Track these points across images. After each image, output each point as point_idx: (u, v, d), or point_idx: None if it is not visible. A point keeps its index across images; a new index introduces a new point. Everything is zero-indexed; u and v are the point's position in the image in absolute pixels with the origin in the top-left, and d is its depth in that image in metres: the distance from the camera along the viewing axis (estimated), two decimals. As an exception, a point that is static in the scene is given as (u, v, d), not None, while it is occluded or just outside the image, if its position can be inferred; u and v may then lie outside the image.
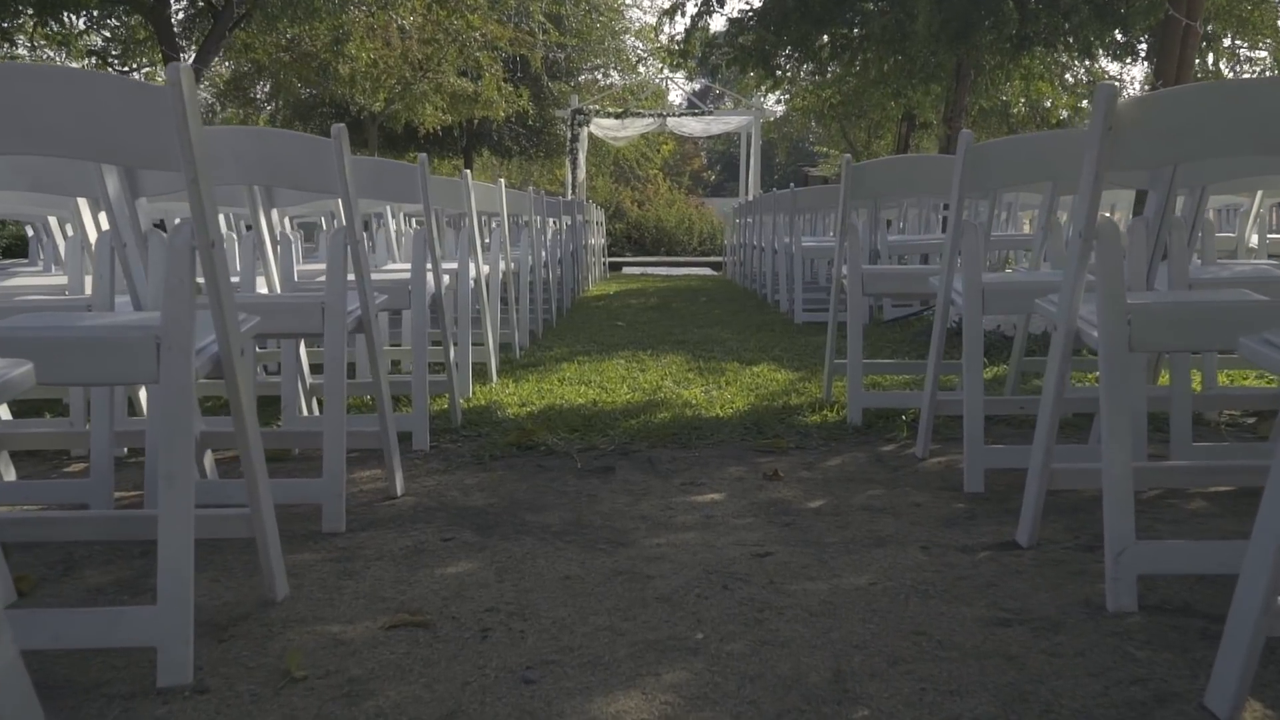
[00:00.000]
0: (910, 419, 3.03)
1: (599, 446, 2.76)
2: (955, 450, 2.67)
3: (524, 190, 5.06)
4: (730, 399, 3.40)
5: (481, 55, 11.79)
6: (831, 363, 3.27)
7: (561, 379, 3.86)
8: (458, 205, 3.49)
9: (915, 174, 2.97)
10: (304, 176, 2.00)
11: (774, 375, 3.89)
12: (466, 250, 3.50)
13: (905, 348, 4.54)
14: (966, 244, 2.26)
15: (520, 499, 2.28)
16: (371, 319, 2.12)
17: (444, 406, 3.18)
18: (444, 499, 2.29)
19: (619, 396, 3.47)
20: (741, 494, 2.31)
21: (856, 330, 3.00)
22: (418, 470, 2.55)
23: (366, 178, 2.66)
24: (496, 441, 2.81)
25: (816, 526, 2.05)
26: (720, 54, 9.63)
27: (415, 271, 2.77)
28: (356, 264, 2.05)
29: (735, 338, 5.12)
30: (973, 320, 2.25)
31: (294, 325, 2.03)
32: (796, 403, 3.31)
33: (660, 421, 3.05)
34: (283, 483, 2.08)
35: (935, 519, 2.09)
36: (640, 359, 4.38)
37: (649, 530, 2.04)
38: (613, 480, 2.44)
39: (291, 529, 2.04)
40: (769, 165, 24.89)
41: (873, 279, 2.98)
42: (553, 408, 3.28)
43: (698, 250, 17.82)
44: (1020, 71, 9.94)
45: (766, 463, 2.59)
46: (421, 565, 1.83)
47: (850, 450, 2.72)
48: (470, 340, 3.52)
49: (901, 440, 2.81)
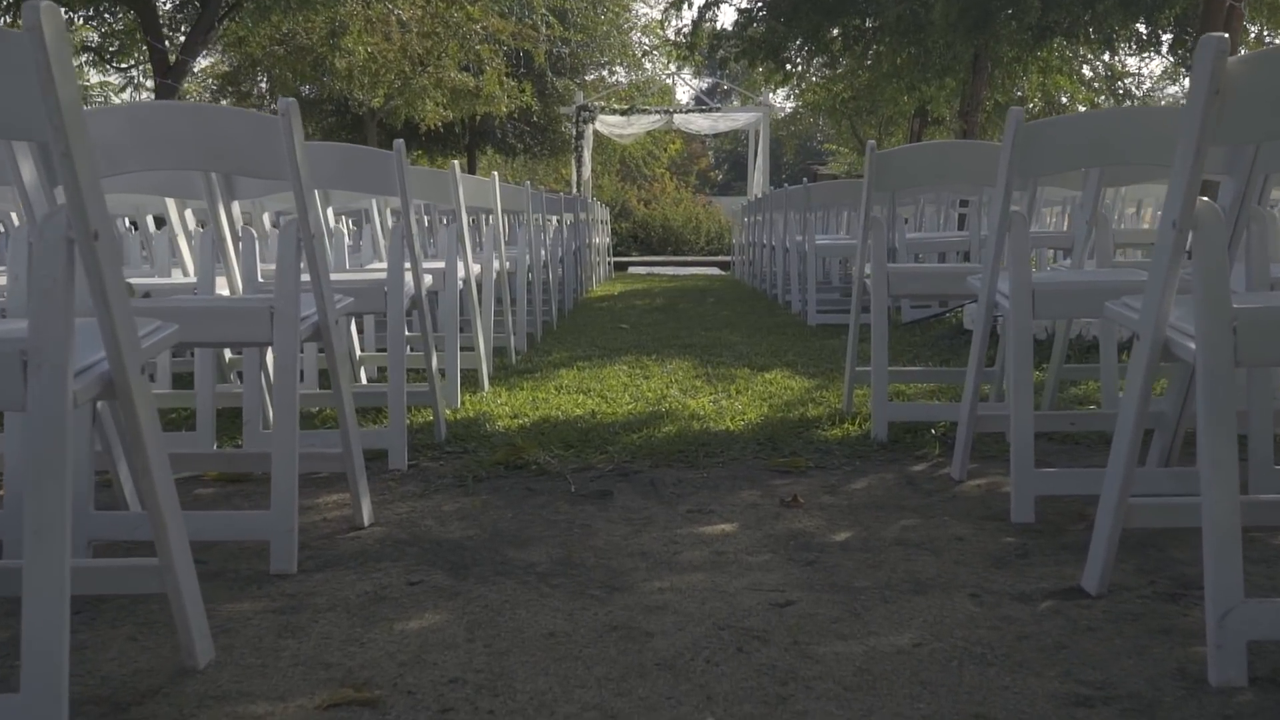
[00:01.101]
0: (941, 433, 2.75)
1: (596, 466, 2.48)
2: (995, 471, 2.38)
3: (520, 185, 4.78)
4: (741, 410, 3.12)
5: (482, 49, 11.49)
6: (853, 370, 2.98)
7: (559, 387, 3.58)
8: (444, 199, 3.21)
9: (946, 162, 2.68)
10: (250, 160, 1.72)
11: (788, 383, 3.60)
12: (454, 248, 3.22)
13: (927, 352, 4.25)
14: (1014, 239, 1.97)
15: (504, 530, 2.00)
16: (330, 324, 1.84)
17: (429, 419, 2.91)
18: (417, 529, 2.01)
19: (620, 407, 3.19)
20: (756, 524, 2.02)
21: (881, 335, 2.71)
22: (391, 494, 2.26)
23: (332, 165, 2.39)
24: (483, 460, 2.53)
25: (845, 566, 1.77)
26: (728, 47, 9.33)
27: (392, 271, 2.49)
28: (312, 263, 1.77)
29: (745, 341, 4.84)
30: (1021, 326, 1.96)
31: (236, 333, 1.75)
32: (814, 414, 3.02)
33: (664, 436, 2.76)
34: (225, 517, 1.80)
35: (983, 557, 1.80)
36: (644, 365, 4.10)
37: (650, 571, 1.76)
38: (610, 507, 2.15)
39: (235, 569, 1.76)
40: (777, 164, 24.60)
41: (900, 279, 2.70)
42: (548, 420, 3.00)
43: (705, 250, 17.53)
44: (1038, 64, 9.63)
45: (783, 485, 2.30)
46: (380, 618, 1.55)
47: (877, 470, 2.43)
48: (459, 346, 3.24)
49: (933, 459, 2.52)
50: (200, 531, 1.74)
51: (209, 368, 2.43)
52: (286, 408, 1.73)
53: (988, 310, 2.09)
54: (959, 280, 2.51)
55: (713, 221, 18.24)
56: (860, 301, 2.91)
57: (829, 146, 26.47)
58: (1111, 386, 2.69)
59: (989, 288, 2.08)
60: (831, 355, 4.31)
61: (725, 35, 9.33)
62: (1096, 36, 8.25)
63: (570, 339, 5.04)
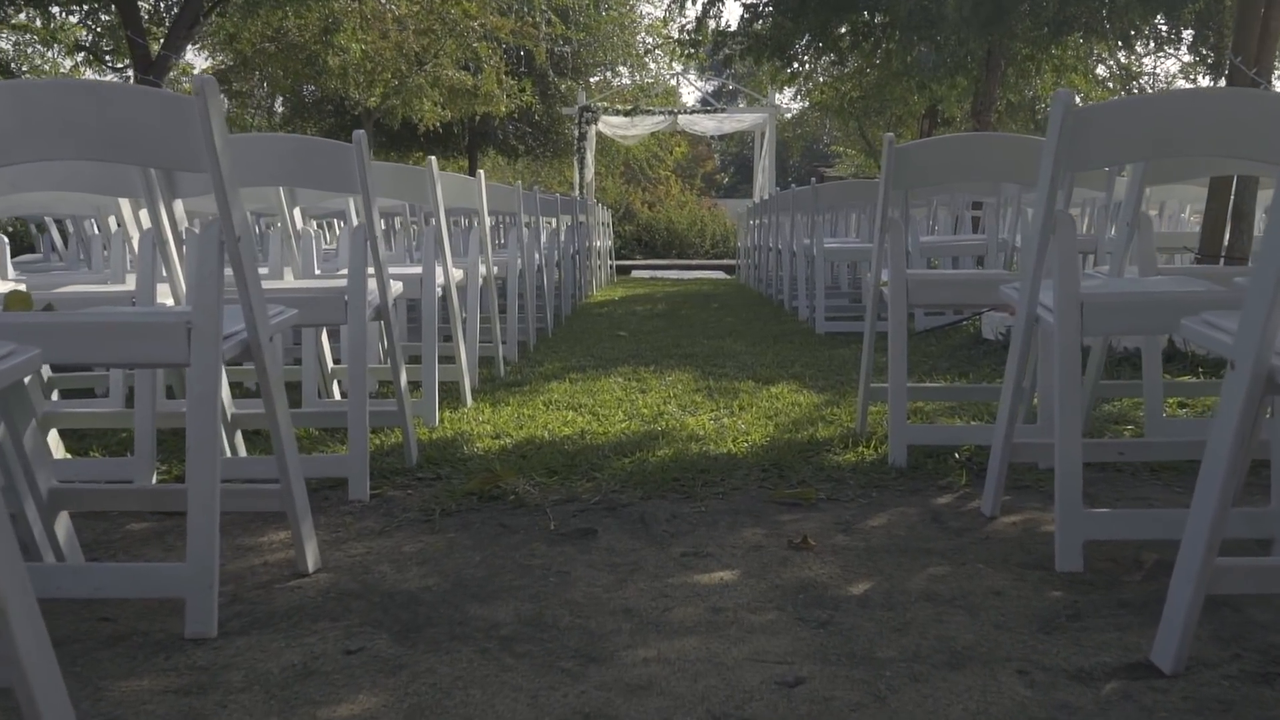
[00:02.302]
0: (966, 458, 2.47)
1: (581, 497, 2.21)
2: (1031, 505, 2.11)
3: (512, 186, 4.51)
4: (744, 429, 2.85)
5: (480, 46, 11.19)
6: (868, 387, 2.70)
7: (548, 402, 3.31)
8: (419, 198, 2.95)
9: (970, 156, 2.41)
10: (160, 149, 1.45)
11: (795, 398, 3.33)
12: (432, 252, 2.96)
13: (944, 364, 3.98)
14: (1060, 243, 1.70)
15: (468, 578, 1.73)
16: (263, 342, 1.57)
17: (400, 440, 2.64)
18: (369, 577, 1.74)
19: (612, 426, 2.91)
20: (760, 571, 1.75)
21: (899, 349, 2.44)
22: (346, 531, 2.00)
23: (282, 158, 2.13)
24: (455, 489, 2.26)
25: (864, 629, 1.49)
26: (733, 44, 9.05)
27: (353, 278, 2.23)
28: (238, 270, 1.51)
29: (749, 350, 4.56)
30: (1068, 343, 1.69)
31: (144, 352, 1.48)
32: (824, 435, 2.75)
33: (659, 460, 2.49)
34: (135, 571, 1.54)
35: (1027, 618, 1.53)
36: (641, 377, 3.83)
37: (635, 634, 1.49)
38: (593, 548, 1.88)
39: (146, 631, 1.49)
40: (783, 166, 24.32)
41: (920, 287, 2.42)
42: (532, 441, 2.73)
43: (710, 253, 17.25)
44: (1052, 63, 9.35)
45: (791, 522, 2.03)
46: (303, 700, 1.28)
47: (896, 503, 2.15)
48: (437, 358, 2.97)
49: (959, 489, 2.25)
50: (104, 587, 1.48)
51: (149, 386, 2.17)
52: (204, 443, 1.46)
53: (1029, 325, 1.81)
54: (989, 288, 2.24)
55: (718, 224, 17.95)
56: (876, 310, 2.64)
57: (836, 148, 26.19)
58: (1156, 407, 2.42)
59: (1029, 299, 1.80)
60: (841, 367, 4.04)
61: (730, 32, 9.05)
62: (1113, 32, 7.96)
63: (565, 348, 4.78)
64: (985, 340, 4.21)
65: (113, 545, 1.93)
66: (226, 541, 1.93)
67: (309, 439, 2.75)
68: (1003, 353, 3.99)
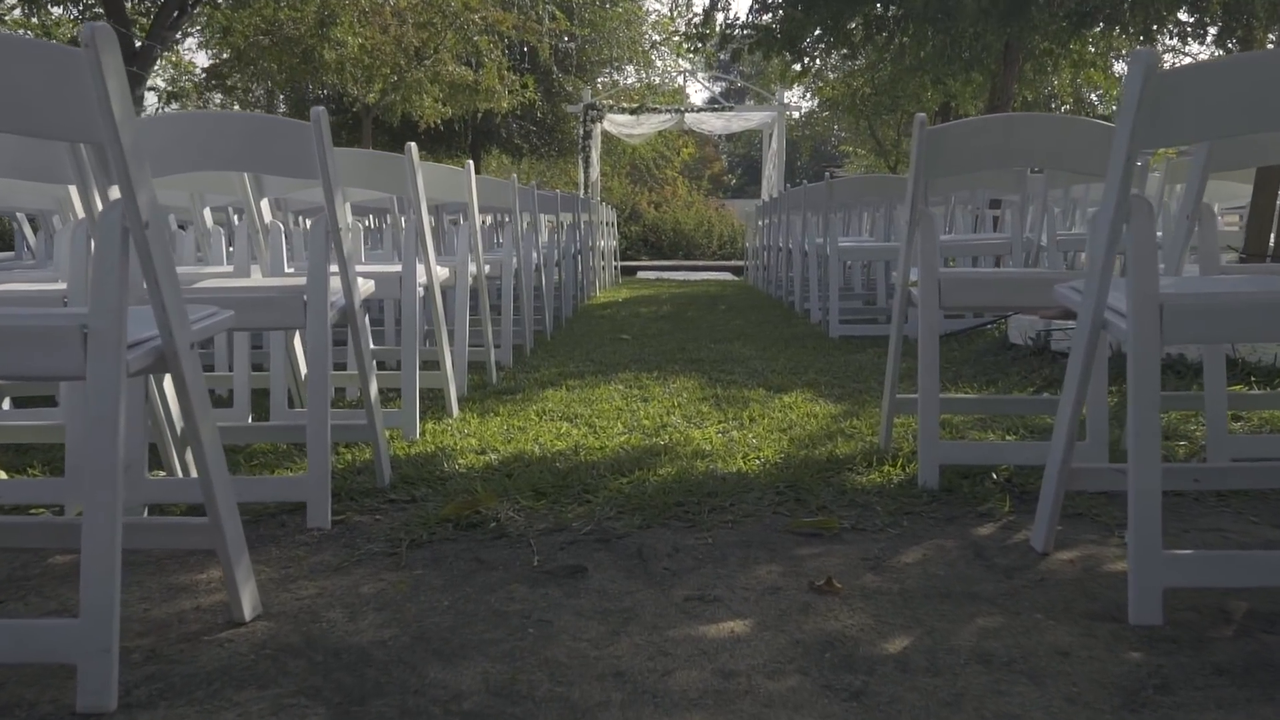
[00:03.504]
0: (1003, 479, 2.20)
1: (571, 525, 1.94)
2: (1085, 536, 1.83)
3: (505, 179, 4.24)
4: (756, 444, 2.58)
5: (481, 40, 10.91)
6: (893, 398, 2.43)
7: (541, 412, 3.04)
8: (399, 189, 2.68)
9: (1013, 139, 2.13)
10: (42, 117, 1.19)
11: (811, 408, 3.05)
12: (413, 249, 2.69)
13: (969, 371, 3.70)
14: (1136, 232, 1.42)
15: (432, 629, 1.47)
16: (181, 350, 1.30)
17: (373, 456, 2.37)
18: (315, 628, 1.47)
19: (610, 440, 2.65)
20: (778, 622, 1.48)
21: (931, 357, 2.17)
22: (298, 567, 1.73)
23: (234, 141, 1.86)
24: (429, 514, 2.00)
25: (907, 702, 1.22)
26: (743, 36, 8.77)
27: (313, 278, 1.96)
28: (147, 265, 1.24)
29: (759, 355, 4.29)
30: (1145, 354, 1.42)
31: (18, 363, 1.21)
32: (844, 451, 2.47)
33: (661, 481, 2.22)
34: (18, 628, 1.27)
35: (1105, 689, 1.25)
36: (643, 384, 3.56)
37: (626, 707, 1.22)
38: (582, 590, 1.62)
39: (35, 702, 1.23)
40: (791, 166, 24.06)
41: (956, 287, 2.15)
42: (520, 457, 2.47)
43: (717, 254, 16.97)
44: (1070, 58, 9.07)
45: (812, 557, 1.76)
46: (204, 807, 1.02)
47: (931, 534, 1.88)
48: (418, 364, 2.71)
49: (1002, 517, 1.98)
50: (-18, 648, 1.21)
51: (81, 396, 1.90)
52: (102, 474, 1.19)
53: (1094, 332, 1.54)
54: (1037, 289, 1.97)
55: (725, 225, 17.67)
56: (904, 313, 2.36)
57: (845, 148, 25.89)
58: (1220, 424, 2.14)
59: (1095, 301, 1.53)
60: (858, 373, 3.76)
61: (738, 25, 8.77)
62: (1135, 23, 7.66)
63: (564, 352, 4.51)
64: (1013, 345, 3.93)
65: (28, 584, 1.66)
66: (158, 580, 1.67)
67: (274, 455, 2.49)
68: (1032, 359, 3.71)
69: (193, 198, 3.41)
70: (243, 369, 2.72)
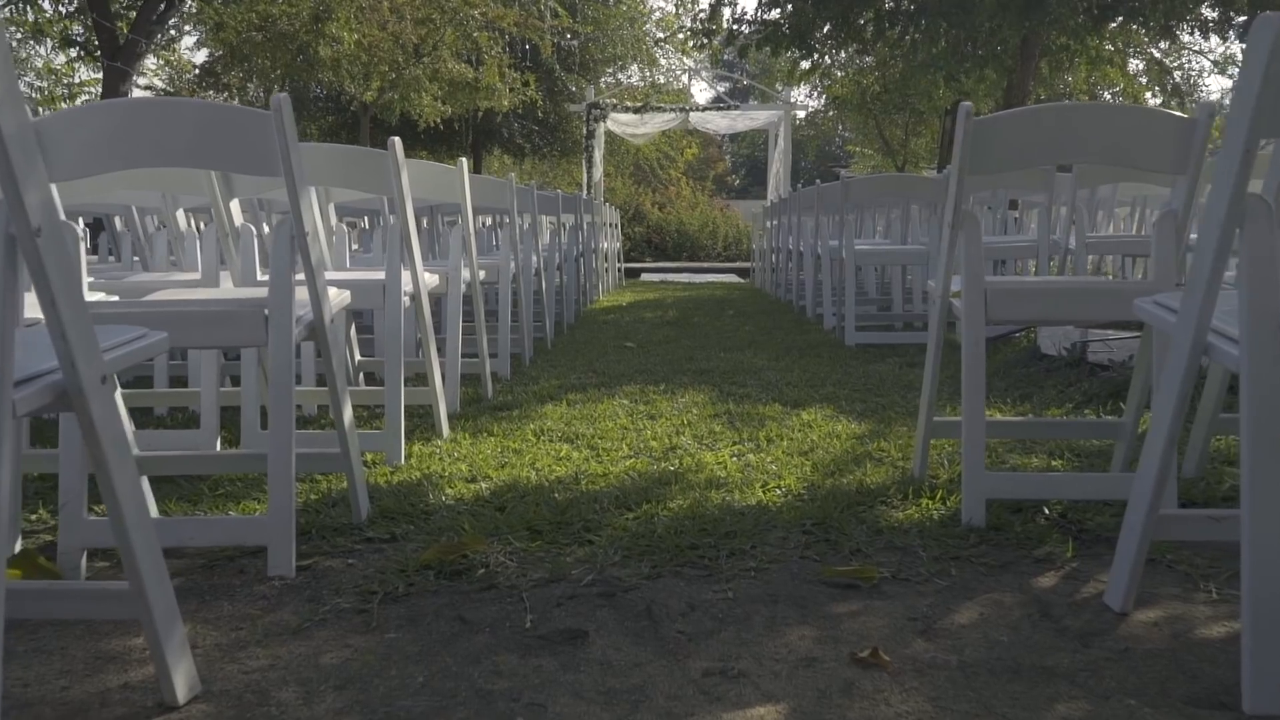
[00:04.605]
0: (1058, 513, 1.95)
1: (570, 573, 1.69)
2: (1167, 589, 1.58)
3: (504, 179, 3.99)
4: (775, 470, 2.33)
5: (480, 36, 10.64)
6: (929, 421, 2.18)
7: (539, 431, 2.79)
8: (382, 189, 2.43)
9: (1068, 132, 1.87)
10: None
11: (832, 427, 2.81)
12: (397, 254, 2.45)
13: (999, 385, 3.45)
14: (1252, 239, 1.17)
15: (403, 714, 1.22)
16: (89, 385, 1.06)
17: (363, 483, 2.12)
18: (262, 713, 1.23)
19: (614, 465, 2.40)
20: (816, 706, 1.23)
21: (976, 379, 1.92)
22: (251, 629, 1.48)
23: (184, 133, 1.62)
24: (408, 558, 1.75)
25: (988, 831, 0.97)
26: (751, 31, 8.51)
27: (276, 289, 1.72)
28: (39, 278, 1.00)
29: (773, 366, 4.04)
30: (1264, 384, 1.17)
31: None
32: (875, 480, 2.22)
33: (671, 517, 1.97)
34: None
35: (1235, 813, 1.00)
36: (650, 398, 3.31)
37: (635, 838, 0.97)
38: (582, 661, 1.37)
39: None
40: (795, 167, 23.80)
41: (1007, 299, 1.90)
42: (515, 486, 2.22)
43: (722, 255, 16.71)
44: (1087, 54, 8.81)
45: (850, 615, 1.51)
46: None
47: (985, 585, 1.63)
48: (403, 381, 2.46)
49: (1063, 564, 1.73)
50: None
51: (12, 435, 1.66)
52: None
53: (1194, 357, 1.29)
54: (1110, 302, 1.72)
55: (730, 226, 17.41)
56: (943, 327, 2.11)
57: (851, 148, 25.63)
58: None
59: (1197, 319, 1.27)
60: (879, 385, 3.51)
61: (746, 20, 8.52)
62: (1156, 17, 7.40)
63: (565, 361, 4.26)
64: (1044, 356, 3.67)
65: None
66: (86, 646, 1.42)
67: (243, 484, 2.24)
68: (1067, 371, 3.46)
69: (165, 197, 3.17)
70: (211, 387, 2.47)
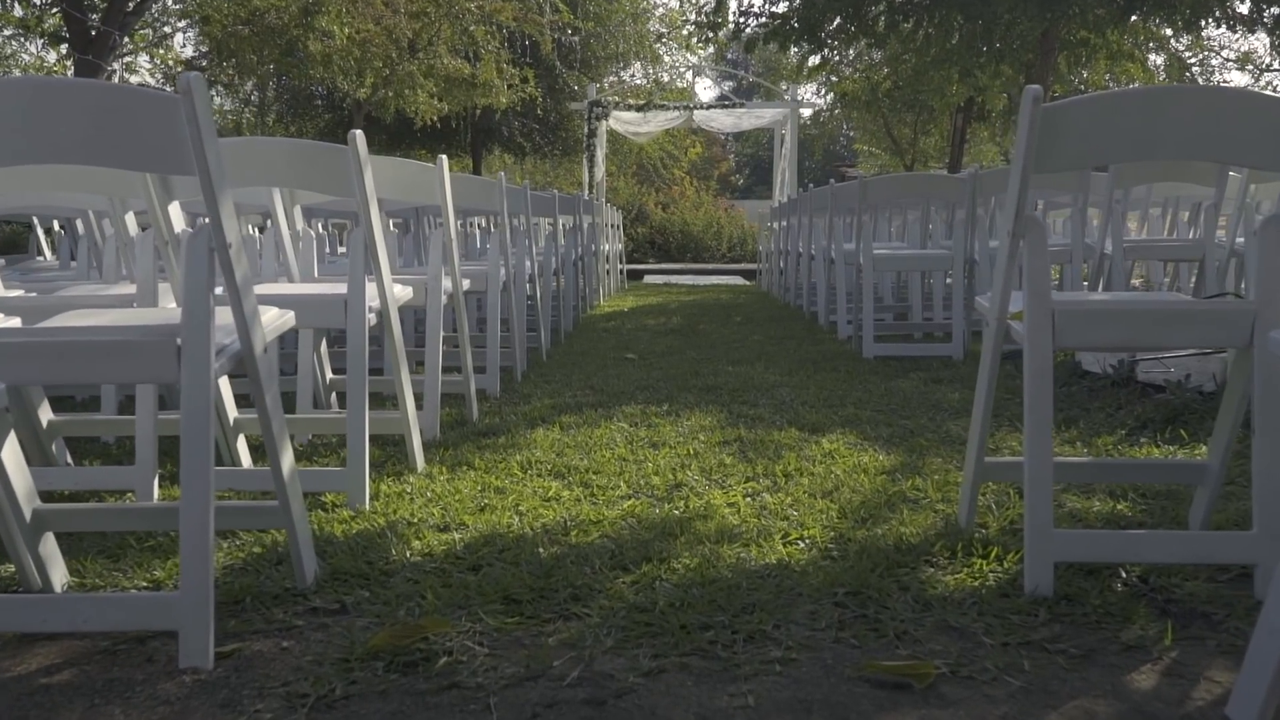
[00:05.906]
0: (1137, 577, 1.63)
1: (551, 667, 1.37)
2: None
3: (494, 179, 3.67)
4: (797, 515, 2.01)
5: (477, 31, 10.30)
6: (979, 464, 1.86)
7: (527, 464, 2.47)
8: (341, 189, 2.11)
9: (1160, 122, 1.55)
10: None
11: (858, 458, 2.48)
12: (361, 263, 2.13)
13: (1038, 403, 3.11)
14: None
15: None
16: None
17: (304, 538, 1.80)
18: None
19: (610, 509, 2.08)
20: None
21: (1042, 418, 1.60)
22: (140, 752, 1.16)
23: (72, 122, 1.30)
24: (354, 641, 1.43)
25: None
26: (758, 25, 8.17)
27: (190, 312, 1.40)
28: None
29: (785, 381, 3.71)
30: None
31: None
32: (913, 531, 1.90)
33: (677, 582, 1.65)
34: None
35: None
36: (652, 421, 2.99)
37: None
38: (559, 810, 1.04)
39: None
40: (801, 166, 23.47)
41: (1081, 322, 1.58)
42: (494, 538, 1.90)
43: (727, 257, 16.37)
44: (1107, 49, 8.47)
45: (904, 734, 1.19)
46: None
47: (1068, 686, 1.31)
48: (367, 410, 2.14)
49: (1159, 651, 1.40)
50: None
51: None
52: None
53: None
54: (1215, 328, 1.39)
55: (735, 226, 17.06)
56: (997, 353, 1.79)
57: (859, 146, 25.28)
58: None
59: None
60: (904, 405, 3.19)
61: (753, 13, 8.18)
62: (1183, 9, 7.06)
63: (561, 376, 3.94)
64: (1087, 373, 3.35)
65: None
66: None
67: (172, 542, 1.92)
68: (1115, 391, 3.13)
69: (113, 200, 2.85)
70: (148, 416, 2.14)
